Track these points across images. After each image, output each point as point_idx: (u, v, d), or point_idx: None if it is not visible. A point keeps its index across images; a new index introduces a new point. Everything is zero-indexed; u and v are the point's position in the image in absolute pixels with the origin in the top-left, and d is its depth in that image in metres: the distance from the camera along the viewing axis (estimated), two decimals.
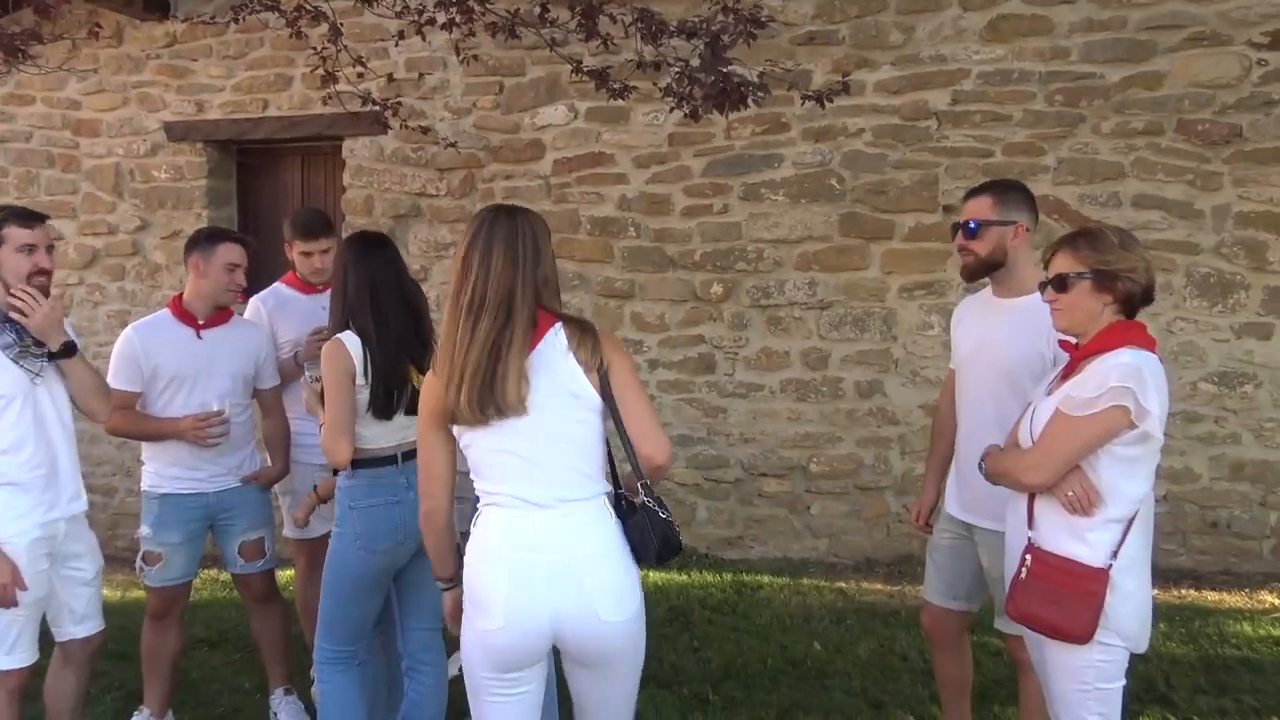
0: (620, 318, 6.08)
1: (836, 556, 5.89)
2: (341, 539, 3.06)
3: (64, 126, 6.94)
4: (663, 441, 2.36)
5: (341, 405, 2.96)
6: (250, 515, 3.73)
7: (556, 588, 2.30)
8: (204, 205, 6.71)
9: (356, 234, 3.34)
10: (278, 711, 3.87)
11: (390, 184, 6.39)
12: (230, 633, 4.89)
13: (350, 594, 3.07)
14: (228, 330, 3.70)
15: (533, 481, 2.31)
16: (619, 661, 2.41)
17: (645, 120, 5.98)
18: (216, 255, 3.63)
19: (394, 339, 3.03)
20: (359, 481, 3.04)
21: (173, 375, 3.57)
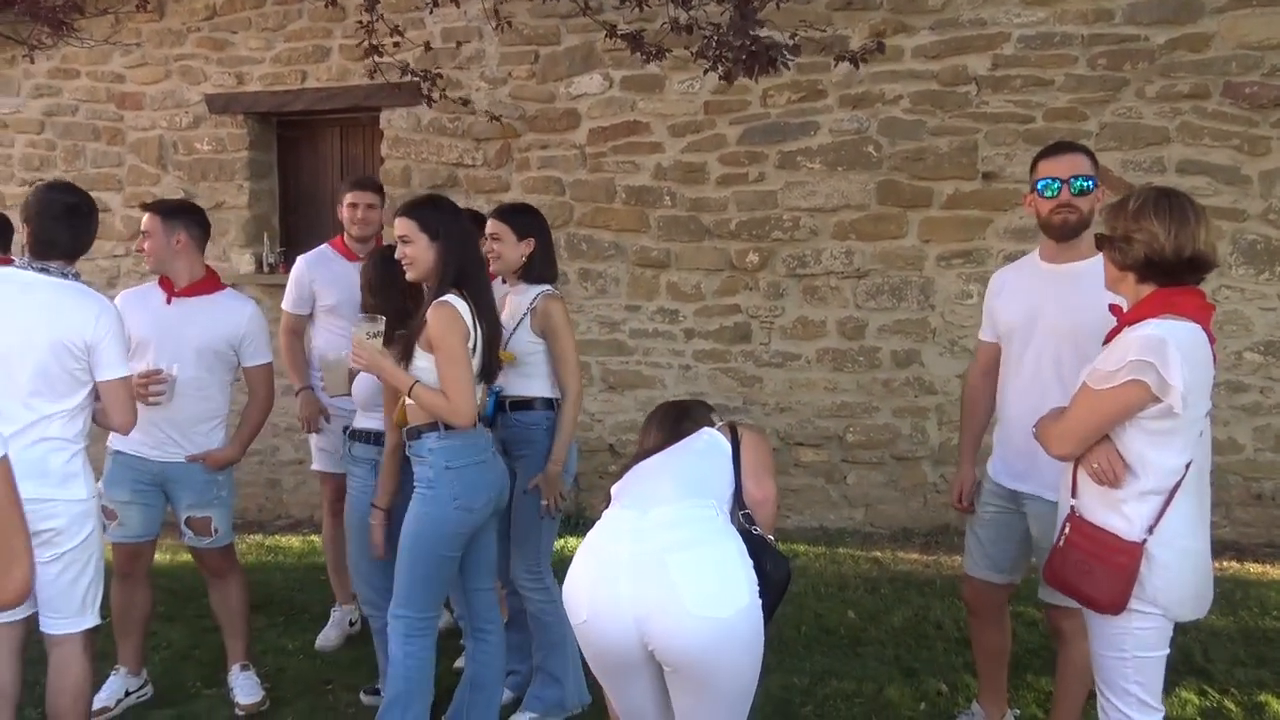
0: (656, 287, 6.09)
1: (873, 526, 5.89)
2: (435, 501, 3.03)
3: (108, 100, 7.03)
4: (765, 482, 2.56)
5: (465, 365, 2.97)
6: (195, 493, 3.71)
7: (639, 577, 2.29)
8: (245, 177, 6.78)
9: (439, 198, 3.32)
10: (233, 687, 3.85)
11: (427, 154, 6.42)
12: (276, 596, 4.99)
13: (442, 556, 3.07)
14: (205, 301, 3.69)
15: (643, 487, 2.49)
16: (716, 669, 2.29)
17: (680, 89, 5.95)
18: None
19: (489, 303, 3.11)
20: (454, 442, 3.03)
21: (139, 339, 3.58)
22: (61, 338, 2.98)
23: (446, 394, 2.96)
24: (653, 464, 2.59)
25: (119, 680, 3.82)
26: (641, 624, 2.28)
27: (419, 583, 3.09)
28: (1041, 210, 2.94)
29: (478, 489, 3.07)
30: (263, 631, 4.55)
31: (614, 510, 2.50)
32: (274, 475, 6.79)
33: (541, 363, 3.53)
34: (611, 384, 6.19)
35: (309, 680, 4.06)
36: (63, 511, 3.01)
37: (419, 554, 3.07)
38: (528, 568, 3.58)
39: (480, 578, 3.31)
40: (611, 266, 6.12)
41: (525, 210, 3.70)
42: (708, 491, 2.47)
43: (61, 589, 3.06)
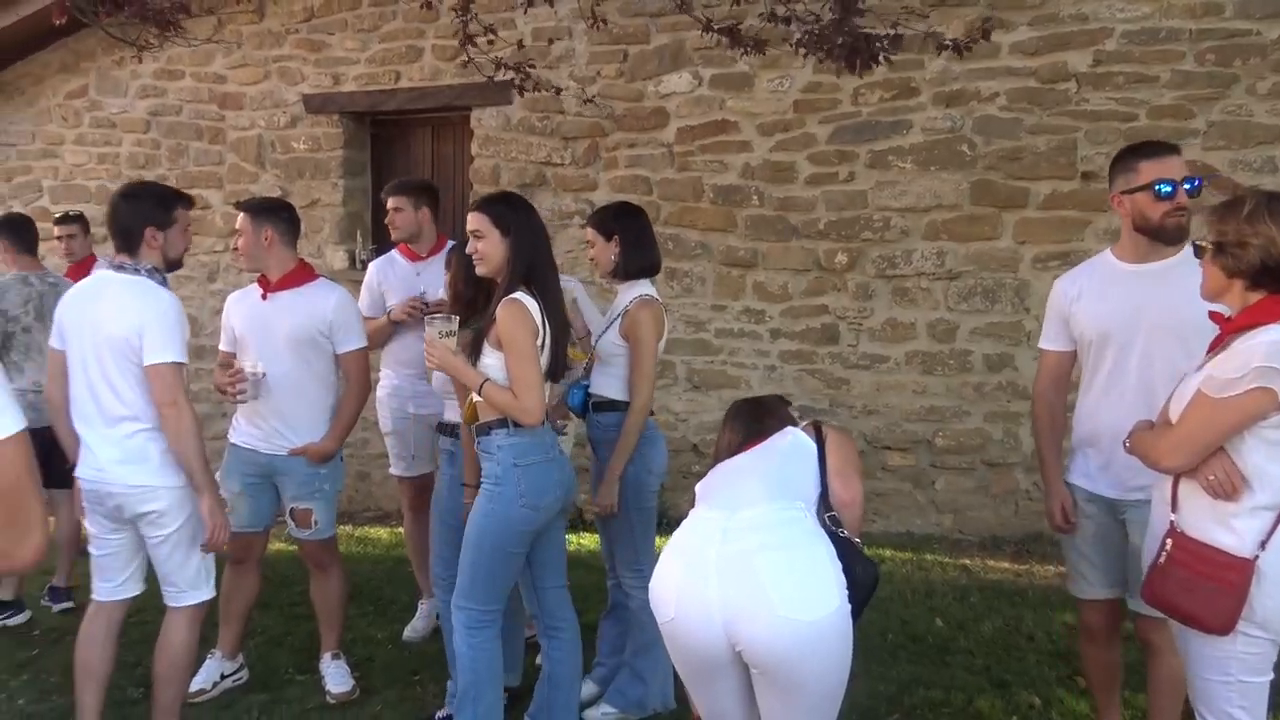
0: (742, 287, 6.05)
1: (961, 533, 5.77)
2: (501, 498, 3.03)
3: (210, 100, 7.25)
4: (852, 481, 2.53)
5: (534, 363, 2.97)
6: (298, 485, 3.79)
7: (727, 578, 2.28)
8: (339, 175, 6.93)
9: (513, 195, 3.35)
10: (325, 674, 3.94)
11: (516, 153, 6.48)
12: (365, 586, 5.09)
13: (507, 552, 3.08)
14: (295, 293, 3.78)
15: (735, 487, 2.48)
16: (804, 672, 2.26)
17: (770, 87, 5.90)
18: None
19: (559, 302, 3.11)
20: (522, 439, 3.03)
21: (240, 336, 3.78)
22: (124, 332, 3.13)
23: (515, 392, 2.97)
24: (739, 464, 2.56)
25: (215, 664, 3.94)
26: (729, 625, 2.27)
27: (482, 577, 3.11)
28: (1152, 213, 2.82)
29: (544, 487, 3.07)
30: (353, 621, 4.63)
31: (701, 510, 2.49)
32: (364, 468, 6.92)
33: (624, 366, 3.54)
34: (696, 383, 6.17)
35: (397, 671, 4.13)
36: (164, 496, 3.17)
37: (484, 549, 3.09)
38: (629, 565, 3.60)
39: (549, 576, 3.30)
40: (698, 266, 6.10)
41: (609, 211, 3.71)
42: (795, 493, 2.45)
43: (174, 567, 3.25)
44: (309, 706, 3.82)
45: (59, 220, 5.50)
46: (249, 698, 3.89)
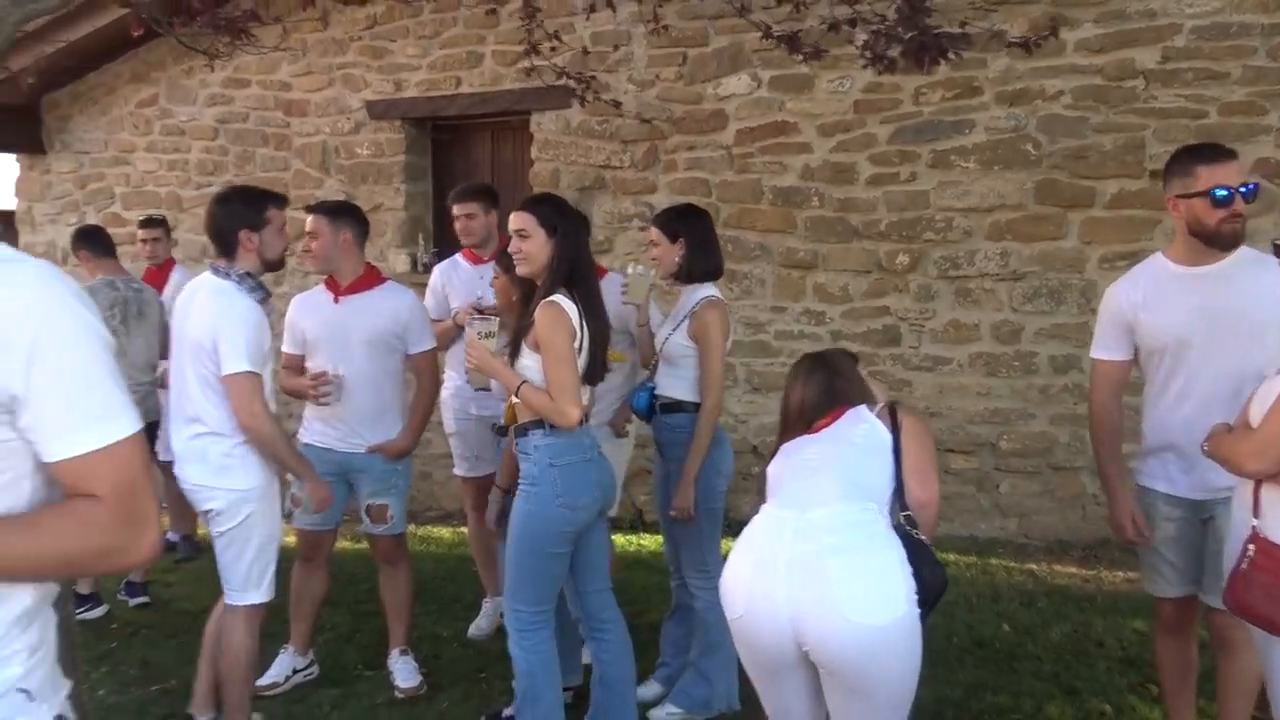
0: (802, 288, 6.03)
1: (1026, 537, 5.69)
2: (538, 498, 3.06)
3: (276, 107, 7.40)
4: (928, 481, 2.49)
5: (571, 366, 2.99)
6: (375, 481, 3.88)
7: (796, 578, 2.28)
8: (402, 180, 7.03)
9: (558, 197, 3.38)
10: (393, 670, 4.01)
11: (576, 157, 6.52)
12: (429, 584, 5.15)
13: (548, 553, 3.09)
14: (367, 297, 3.85)
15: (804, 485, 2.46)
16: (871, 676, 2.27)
17: (830, 88, 5.88)
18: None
19: (600, 305, 3.12)
20: (559, 440, 3.04)
21: (311, 340, 3.85)
22: (199, 336, 3.22)
23: (551, 394, 2.99)
24: (812, 457, 2.52)
25: (287, 659, 4.02)
26: (797, 625, 2.28)
27: (527, 578, 3.13)
28: (1209, 219, 2.78)
29: (581, 487, 3.08)
30: (418, 618, 4.68)
31: (772, 508, 2.48)
32: (426, 468, 7.00)
33: (692, 367, 3.54)
34: (756, 385, 6.17)
35: (463, 668, 4.18)
36: (220, 497, 3.27)
37: (525, 550, 3.11)
38: (696, 566, 3.61)
39: (591, 579, 3.30)
40: (757, 267, 6.10)
41: (674, 213, 3.73)
42: (869, 493, 2.43)
43: (227, 564, 3.33)
44: (378, 701, 3.89)
45: (143, 224, 5.65)
46: (320, 692, 3.97)
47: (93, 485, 1.29)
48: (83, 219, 7.78)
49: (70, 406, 1.26)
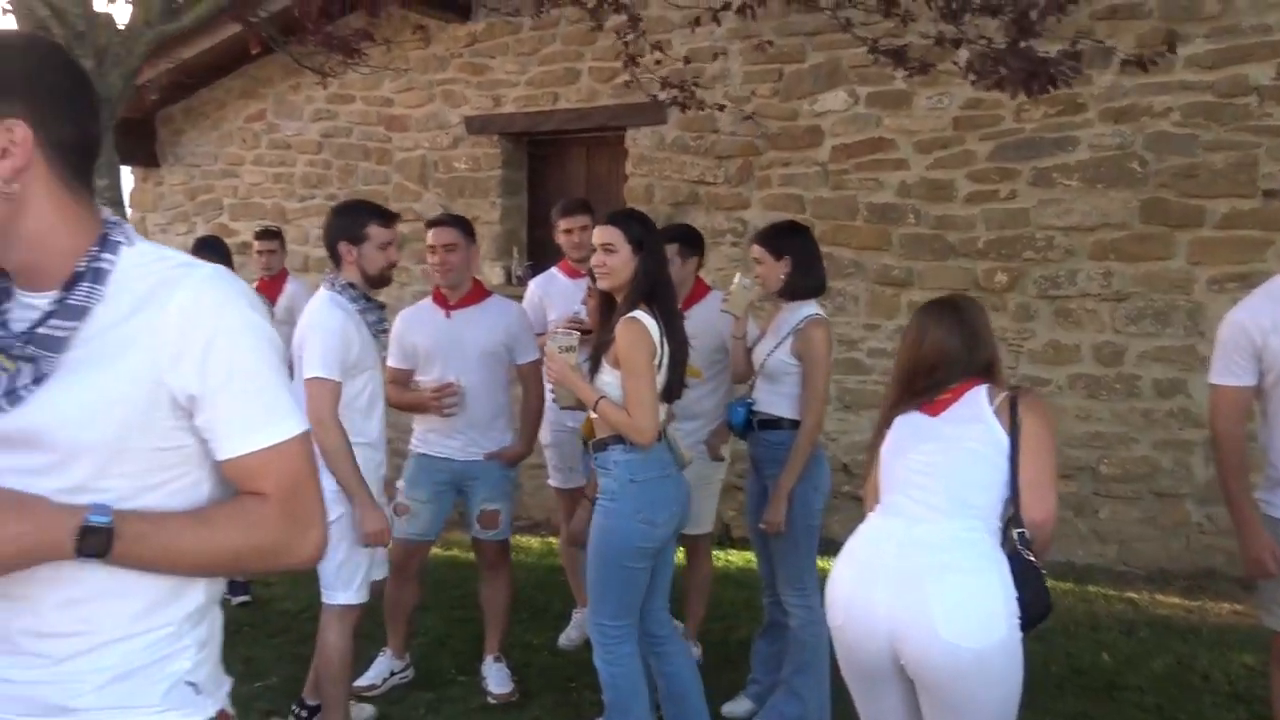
0: (896, 306, 5.98)
1: (1126, 565, 5.54)
2: (617, 513, 3.07)
3: (378, 122, 7.61)
4: (1047, 499, 2.36)
5: (649, 383, 2.99)
6: (490, 487, 3.99)
7: (896, 595, 2.27)
8: (498, 194, 7.16)
9: (641, 212, 3.40)
10: (486, 676, 4.06)
11: (670, 172, 6.57)
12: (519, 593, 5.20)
13: (627, 568, 3.09)
14: (478, 310, 3.96)
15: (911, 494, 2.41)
16: (968, 698, 2.24)
17: (928, 104, 5.83)
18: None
19: (679, 321, 3.13)
20: (638, 455, 3.05)
21: (425, 353, 3.93)
22: (295, 341, 3.33)
23: (629, 411, 3.00)
24: (924, 461, 2.42)
25: (385, 661, 4.11)
26: (895, 640, 2.27)
27: (609, 592, 3.13)
28: None
29: (660, 503, 3.08)
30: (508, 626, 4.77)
31: (879, 517, 2.45)
32: None
33: (794, 384, 3.54)
34: (847, 403, 6.12)
35: (553, 676, 4.23)
36: None
37: (604, 564, 3.12)
38: (792, 584, 3.59)
39: (655, 596, 3.28)
40: (851, 284, 6.06)
41: (779, 230, 3.73)
42: (977, 510, 2.36)
43: (319, 564, 3.42)
44: (471, 706, 3.95)
45: (260, 235, 5.85)
46: (415, 695, 4.05)
47: (260, 484, 1.34)
48: (193, 229, 8.08)
49: (242, 406, 1.32)
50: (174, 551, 1.30)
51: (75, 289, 1.28)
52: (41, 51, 1.30)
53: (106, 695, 1.31)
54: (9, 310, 1.32)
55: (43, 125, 1.26)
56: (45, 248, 1.30)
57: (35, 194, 1.28)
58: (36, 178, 1.27)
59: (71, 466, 1.27)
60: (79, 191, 1.32)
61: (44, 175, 1.28)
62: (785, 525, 3.49)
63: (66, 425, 1.26)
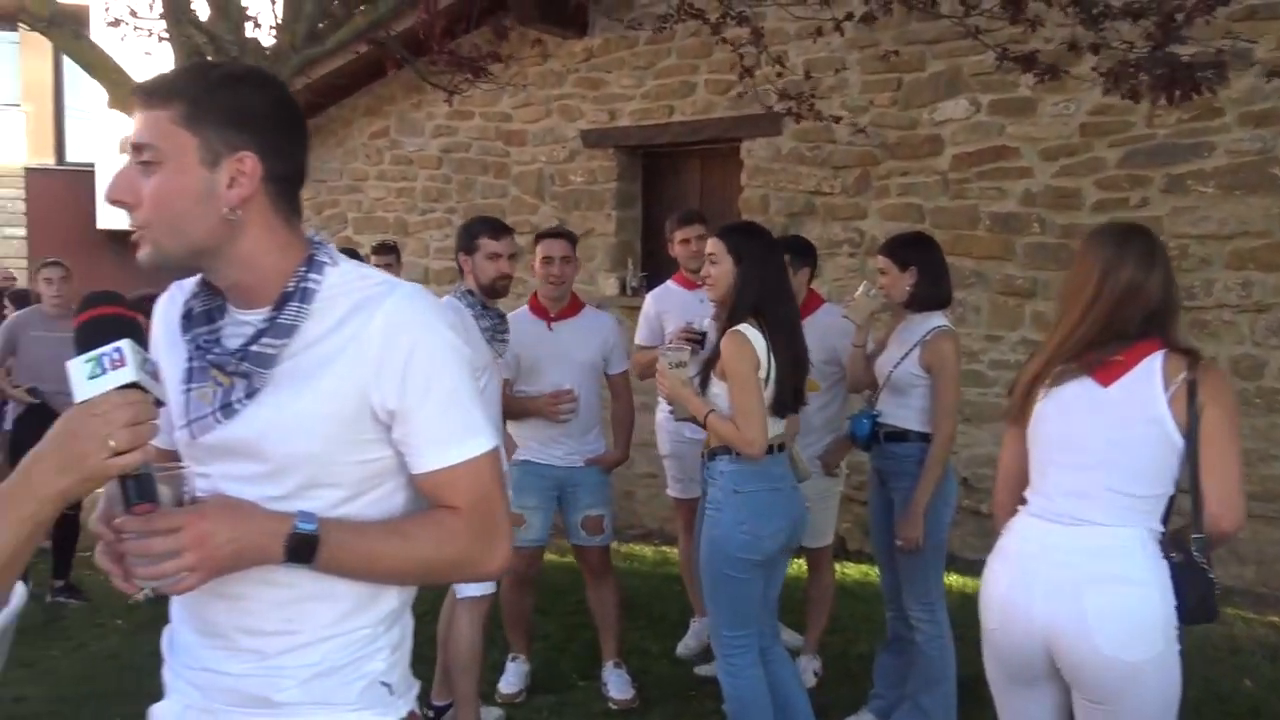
0: (1020, 317, 5.85)
1: (1266, 587, 5.29)
2: (722, 524, 3.09)
3: (497, 137, 7.79)
4: (1237, 506, 2.20)
5: (755, 395, 3.00)
6: (592, 493, 4.08)
7: (1053, 601, 2.21)
8: (613, 206, 7.25)
9: (754, 224, 3.42)
10: (607, 682, 4.11)
11: (785, 183, 6.56)
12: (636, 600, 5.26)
13: (733, 578, 3.10)
14: (577, 321, 4.07)
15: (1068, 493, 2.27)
16: (1123, 709, 2.20)
17: (1054, 110, 5.69)
18: (536, 254, 4.09)
19: (796, 334, 3.11)
20: (744, 466, 3.06)
21: (531, 362, 4.00)
22: None
23: (736, 422, 3.01)
24: (1086, 449, 2.22)
25: (518, 668, 4.19)
26: (1050, 646, 2.22)
27: (722, 603, 3.14)
28: None
29: (767, 516, 3.07)
30: (626, 634, 4.79)
31: (1036, 517, 2.31)
32: (629, 487, 7.16)
33: (922, 396, 3.51)
34: (968, 416, 6.00)
35: (673, 685, 4.25)
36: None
37: (712, 575, 3.14)
38: (919, 599, 3.55)
39: (761, 610, 3.26)
40: (972, 295, 5.95)
41: (905, 241, 3.71)
42: (1142, 511, 2.21)
43: None
44: (594, 711, 4.00)
45: (376, 249, 6.06)
46: (538, 698, 4.13)
47: (453, 497, 1.40)
48: None
49: (438, 422, 1.38)
50: (372, 560, 1.37)
51: (285, 308, 1.36)
52: (269, 89, 1.39)
53: (308, 691, 1.39)
54: (222, 327, 1.41)
55: (267, 157, 1.35)
56: (259, 269, 1.38)
57: (254, 220, 1.37)
58: (257, 205, 1.37)
59: (282, 476, 1.36)
60: (289, 217, 1.41)
61: (263, 203, 1.37)
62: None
63: (276, 437, 1.35)
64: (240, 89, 1.36)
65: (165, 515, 1.25)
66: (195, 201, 1.32)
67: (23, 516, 1.13)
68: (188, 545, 1.24)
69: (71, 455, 1.14)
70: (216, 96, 1.33)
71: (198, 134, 1.32)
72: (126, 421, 1.15)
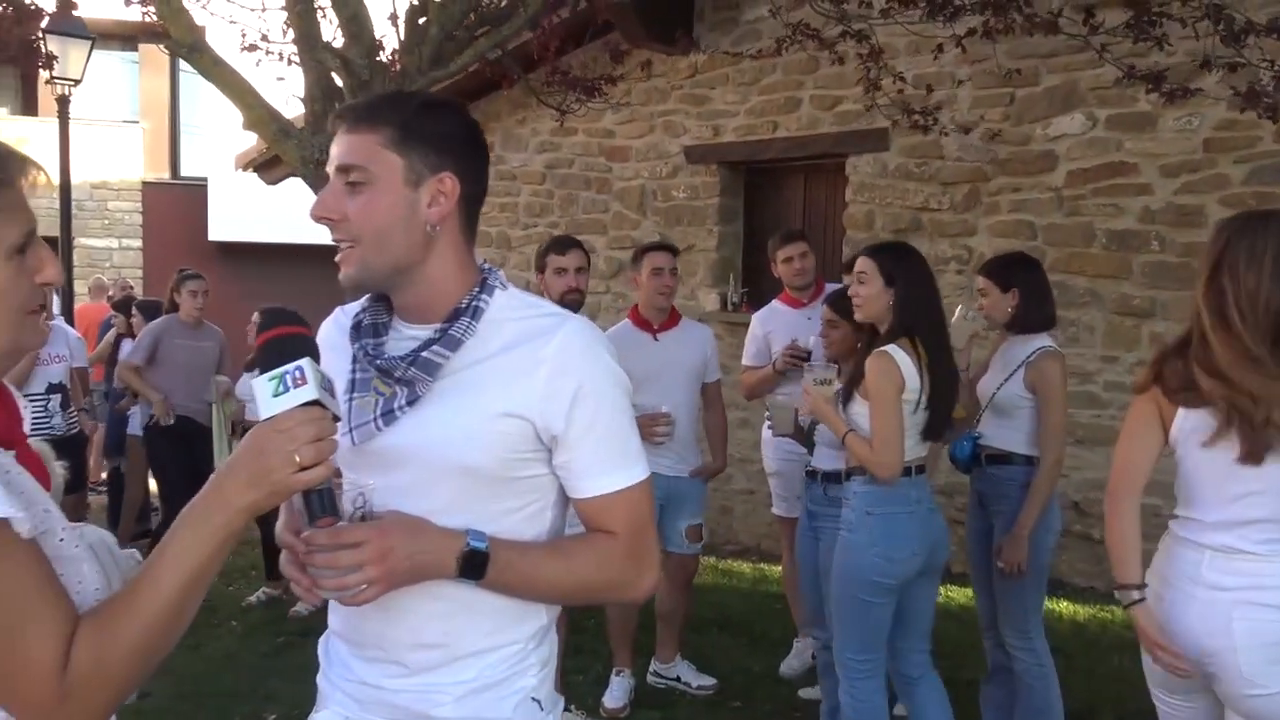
0: (1137, 338, 5.67)
1: None
2: (854, 545, 3.05)
3: (600, 153, 7.87)
4: None
5: (894, 418, 2.96)
6: (694, 503, 4.21)
7: (1209, 621, 2.20)
8: (715, 222, 7.26)
9: (906, 245, 3.39)
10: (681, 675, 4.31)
11: (892, 199, 6.49)
12: (735, 618, 5.25)
13: (863, 601, 3.05)
14: (679, 332, 4.16)
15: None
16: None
17: (1175, 126, 5.52)
18: (643, 266, 4.13)
19: (945, 356, 3.05)
20: (878, 487, 3.02)
21: (640, 375, 3.98)
22: None
23: (873, 444, 2.97)
24: (1249, 473, 2.15)
25: (624, 682, 4.21)
26: (1203, 666, 2.23)
27: (848, 625, 3.10)
28: None
29: (900, 539, 3.01)
30: (728, 651, 4.81)
31: (1192, 542, 2.25)
32: (726, 502, 7.14)
33: (1027, 419, 3.44)
34: (1080, 438, 5.84)
35: (777, 704, 4.24)
36: None
37: (841, 596, 3.10)
38: (1016, 627, 3.47)
39: (910, 636, 3.20)
40: (1086, 314, 5.80)
41: (1007, 261, 3.66)
42: None
43: None
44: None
45: None
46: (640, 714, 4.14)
47: (610, 523, 1.45)
48: None
49: (601, 452, 1.43)
50: (534, 579, 1.41)
51: (456, 323, 1.42)
52: (463, 116, 1.48)
53: (464, 707, 1.43)
54: (385, 341, 1.47)
55: (463, 178, 1.43)
56: (439, 287, 1.45)
57: (444, 239, 1.44)
58: (449, 225, 1.44)
59: (435, 489, 1.40)
60: (470, 239, 1.49)
61: (454, 223, 1.45)
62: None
63: (435, 446, 1.39)
64: (440, 116, 1.44)
65: (350, 530, 1.30)
66: (400, 218, 1.40)
67: (215, 527, 1.18)
68: (371, 559, 1.29)
69: (260, 469, 1.19)
70: (421, 122, 1.41)
71: (404, 156, 1.39)
72: (310, 438, 1.20)
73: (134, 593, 1.15)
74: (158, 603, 1.13)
